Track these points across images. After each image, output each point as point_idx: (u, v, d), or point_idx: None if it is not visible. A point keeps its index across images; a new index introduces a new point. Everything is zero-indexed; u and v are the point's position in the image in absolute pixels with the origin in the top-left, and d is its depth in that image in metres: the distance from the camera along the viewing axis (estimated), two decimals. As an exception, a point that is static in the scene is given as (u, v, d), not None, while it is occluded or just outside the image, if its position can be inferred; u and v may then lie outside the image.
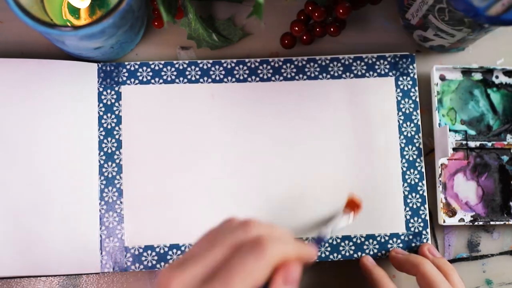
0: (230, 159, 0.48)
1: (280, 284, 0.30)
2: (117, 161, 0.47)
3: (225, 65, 0.49)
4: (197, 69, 0.49)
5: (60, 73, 0.47)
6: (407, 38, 0.51)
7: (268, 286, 0.30)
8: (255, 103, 0.48)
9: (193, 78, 0.49)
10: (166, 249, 0.46)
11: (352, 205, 0.45)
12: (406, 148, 0.48)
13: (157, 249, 0.46)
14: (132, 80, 0.48)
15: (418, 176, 0.48)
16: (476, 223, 0.48)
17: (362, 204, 0.45)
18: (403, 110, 0.49)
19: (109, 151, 0.47)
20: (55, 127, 0.46)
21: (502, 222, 0.48)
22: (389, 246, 0.47)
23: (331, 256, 0.47)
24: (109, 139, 0.47)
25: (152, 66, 0.48)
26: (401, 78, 0.49)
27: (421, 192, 0.48)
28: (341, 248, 0.47)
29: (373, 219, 0.47)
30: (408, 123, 0.49)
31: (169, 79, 0.48)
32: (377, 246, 0.47)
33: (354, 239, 0.47)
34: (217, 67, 0.49)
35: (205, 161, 0.47)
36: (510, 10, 0.37)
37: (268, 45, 0.50)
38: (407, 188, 0.48)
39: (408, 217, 0.48)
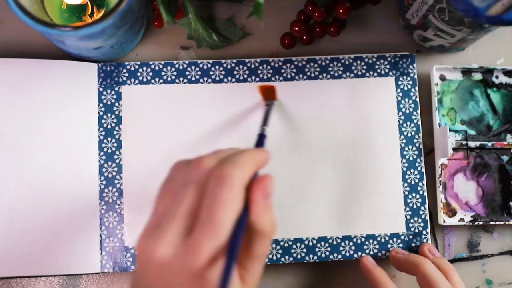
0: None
1: (260, 201, 0.29)
2: (117, 161, 0.47)
3: (225, 65, 0.49)
4: (197, 69, 0.49)
5: (60, 73, 0.47)
6: (407, 38, 0.51)
7: (248, 208, 0.29)
8: (255, 103, 0.48)
9: (193, 78, 0.49)
10: (166, 249, 0.46)
11: (267, 92, 0.46)
12: (406, 148, 0.48)
13: (157, 249, 0.46)
14: (132, 80, 0.48)
15: (418, 176, 0.48)
16: (476, 223, 0.48)
17: (273, 85, 0.46)
18: (403, 110, 0.49)
19: (109, 151, 0.47)
20: (55, 127, 0.46)
21: (502, 222, 0.48)
22: (389, 246, 0.47)
23: (331, 256, 0.47)
24: (109, 139, 0.47)
25: (152, 66, 0.48)
26: (401, 78, 0.49)
27: (421, 192, 0.48)
28: (341, 248, 0.47)
29: (373, 219, 0.47)
30: (408, 123, 0.49)
31: (169, 79, 0.48)
32: (377, 246, 0.47)
33: (354, 239, 0.47)
34: (217, 67, 0.49)
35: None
36: (510, 10, 0.37)
37: (268, 45, 0.50)
38: (407, 188, 0.48)
39: (408, 217, 0.48)
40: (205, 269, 0.27)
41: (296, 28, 0.48)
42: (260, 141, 0.39)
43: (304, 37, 0.49)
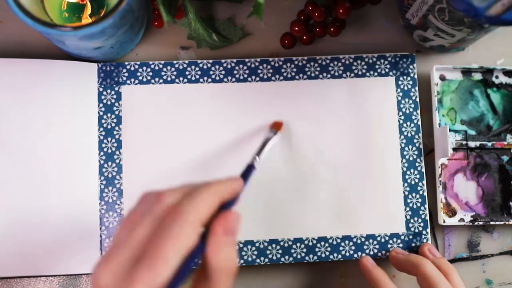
0: (230, 158, 0.48)
1: (219, 235, 0.29)
2: (117, 161, 0.47)
3: (225, 65, 0.49)
4: (197, 69, 0.49)
5: (60, 73, 0.47)
6: (407, 38, 0.51)
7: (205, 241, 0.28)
8: (255, 103, 0.48)
9: (193, 78, 0.49)
10: (166, 249, 0.46)
11: (277, 126, 0.46)
12: (406, 148, 0.48)
13: (157, 249, 0.46)
14: (132, 80, 0.48)
15: (418, 176, 0.48)
16: (476, 223, 0.48)
17: (282, 122, 0.47)
18: (403, 110, 0.49)
19: (109, 151, 0.47)
20: (55, 127, 0.46)
21: (502, 222, 0.48)
22: (389, 246, 0.47)
23: (331, 256, 0.47)
24: (109, 139, 0.47)
25: (152, 66, 0.48)
26: (401, 78, 0.49)
27: (421, 192, 0.48)
28: (341, 248, 0.47)
29: (373, 219, 0.47)
30: (408, 123, 0.49)
31: (169, 79, 0.48)
32: (377, 246, 0.47)
33: (354, 239, 0.47)
34: (217, 67, 0.49)
35: (205, 161, 0.47)
36: (510, 10, 0.37)
37: (268, 45, 0.50)
38: (407, 188, 0.48)
39: (408, 217, 0.48)
40: None
41: (296, 28, 0.48)
42: (247, 172, 0.39)
43: (304, 37, 0.49)
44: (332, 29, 0.48)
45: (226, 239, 0.29)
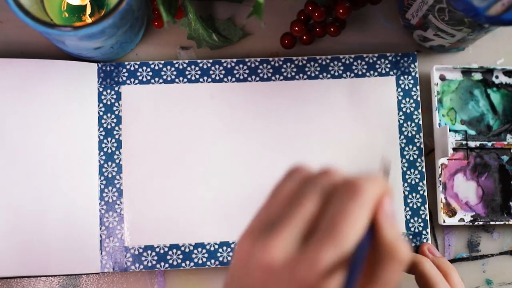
0: (230, 158, 0.48)
1: (387, 225, 0.25)
2: (117, 161, 0.47)
3: (225, 64, 0.49)
4: (197, 69, 0.49)
5: (60, 73, 0.47)
6: (407, 38, 0.51)
7: (372, 230, 0.25)
8: (255, 102, 0.48)
9: (193, 78, 0.49)
10: (166, 249, 0.46)
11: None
12: (407, 148, 0.48)
13: (157, 249, 0.46)
14: (132, 80, 0.48)
15: (418, 176, 0.48)
16: (476, 223, 0.48)
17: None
18: (404, 109, 0.49)
19: (109, 151, 0.47)
20: (55, 127, 0.46)
21: (502, 222, 0.48)
22: (389, 246, 0.47)
23: (331, 256, 0.47)
24: (109, 139, 0.47)
25: (152, 66, 0.48)
26: (402, 78, 0.49)
27: (421, 192, 0.48)
28: (341, 248, 0.47)
29: (373, 219, 0.47)
30: (409, 123, 0.49)
31: (169, 79, 0.48)
32: (377, 246, 0.47)
33: (354, 239, 0.47)
34: (217, 66, 0.49)
35: (205, 161, 0.47)
36: (510, 10, 0.37)
37: (268, 45, 0.50)
38: (407, 188, 0.48)
39: (408, 217, 0.48)
40: (319, 282, 0.23)
41: (296, 28, 0.48)
42: (386, 171, 0.34)
43: (304, 37, 0.49)
44: (332, 29, 0.48)
45: (394, 223, 0.26)
